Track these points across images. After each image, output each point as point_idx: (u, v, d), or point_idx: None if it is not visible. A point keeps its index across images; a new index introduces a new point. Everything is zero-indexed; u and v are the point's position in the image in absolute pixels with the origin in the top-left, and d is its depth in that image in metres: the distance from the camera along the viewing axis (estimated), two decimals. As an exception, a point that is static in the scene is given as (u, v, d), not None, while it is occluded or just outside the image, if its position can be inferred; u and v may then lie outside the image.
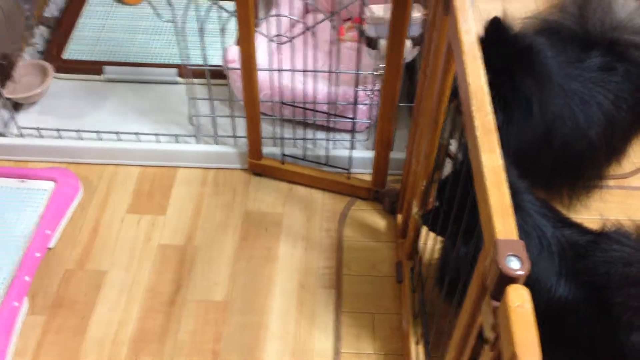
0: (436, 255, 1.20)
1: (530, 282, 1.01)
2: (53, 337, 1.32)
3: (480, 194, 0.72)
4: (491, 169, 0.72)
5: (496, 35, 1.18)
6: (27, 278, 1.34)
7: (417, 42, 1.40)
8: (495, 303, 0.65)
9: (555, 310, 1.01)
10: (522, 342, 0.59)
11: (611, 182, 1.63)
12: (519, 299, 0.61)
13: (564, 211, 1.22)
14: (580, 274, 1.01)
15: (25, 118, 1.67)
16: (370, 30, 1.39)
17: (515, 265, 0.63)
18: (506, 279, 0.63)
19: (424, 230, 1.28)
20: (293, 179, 1.61)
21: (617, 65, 1.30)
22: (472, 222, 0.83)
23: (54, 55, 1.82)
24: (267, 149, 1.60)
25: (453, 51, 0.91)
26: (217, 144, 1.64)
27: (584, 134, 1.30)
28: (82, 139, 1.64)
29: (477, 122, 0.76)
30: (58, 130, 1.63)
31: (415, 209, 1.27)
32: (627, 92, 1.31)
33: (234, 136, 1.62)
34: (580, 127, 1.29)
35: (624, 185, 1.63)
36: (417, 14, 1.35)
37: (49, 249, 1.45)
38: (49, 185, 1.52)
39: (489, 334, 0.67)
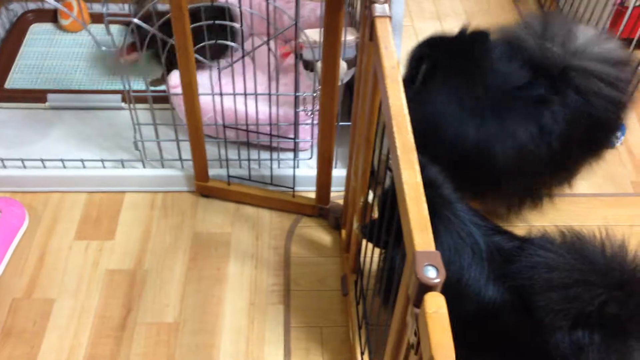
0: (375, 267, 1.25)
1: (462, 286, 1.08)
2: (1, 368, 1.32)
3: (402, 208, 0.77)
4: (411, 185, 0.77)
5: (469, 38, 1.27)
6: (-28, 310, 1.33)
7: (352, 63, 1.47)
8: (417, 310, 0.70)
9: (484, 313, 1.07)
10: (439, 346, 0.64)
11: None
12: (435, 305, 0.66)
13: (497, 220, 1.30)
14: (507, 278, 1.08)
15: (-33, 149, 1.67)
16: (307, 54, 1.45)
17: (432, 274, 0.68)
18: (424, 287, 0.68)
19: (365, 243, 1.33)
20: (240, 199, 1.65)
21: (555, 98, 1.33)
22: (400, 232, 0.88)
23: (-5, 84, 1.82)
24: (213, 171, 1.63)
25: (377, 75, 0.97)
26: (163, 167, 1.66)
27: (490, 155, 1.35)
28: (26, 167, 1.64)
29: (398, 142, 0.82)
30: (2, 159, 1.62)
31: (355, 224, 1.33)
32: (562, 122, 1.34)
33: (180, 159, 1.65)
34: (485, 150, 1.34)
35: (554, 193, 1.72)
36: (351, 37, 1.41)
37: (-5, 279, 1.44)
38: (-7, 215, 1.52)
39: (413, 339, 0.72)
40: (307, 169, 1.66)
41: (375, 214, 1.24)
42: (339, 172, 1.61)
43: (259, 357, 1.37)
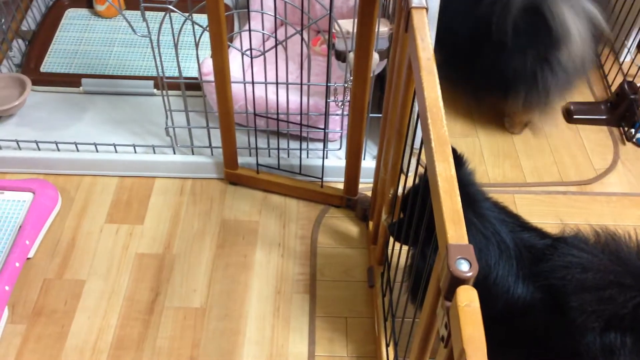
0: (403, 260, 1.25)
1: (490, 284, 1.07)
2: (33, 346, 1.35)
3: (435, 201, 0.77)
4: (445, 177, 0.77)
5: None
6: (7, 288, 1.36)
7: (384, 55, 1.46)
8: (448, 303, 0.70)
9: (513, 311, 1.06)
10: (470, 339, 0.64)
11: (573, 188, 1.71)
12: (467, 298, 0.66)
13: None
14: (538, 276, 1.07)
15: (3, 130, 1.70)
16: (339, 44, 1.45)
17: (464, 267, 0.68)
18: (456, 281, 0.68)
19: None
20: (268, 187, 1.66)
21: None
22: (431, 228, 0.88)
23: (32, 68, 1.85)
24: (243, 159, 1.64)
25: (412, 67, 0.96)
26: (193, 154, 1.68)
27: None
28: (60, 150, 1.67)
29: (433, 134, 0.81)
30: (36, 142, 1.66)
31: (384, 216, 1.33)
32: None
33: (210, 146, 1.66)
34: None
35: (585, 192, 1.70)
36: (384, 28, 1.40)
37: (29, 259, 1.47)
38: (27, 196, 1.55)
39: (443, 332, 0.72)
40: (336, 159, 1.67)
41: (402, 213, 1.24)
42: (367, 164, 1.60)
43: (283, 345, 1.38)
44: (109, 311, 1.41)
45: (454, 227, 0.72)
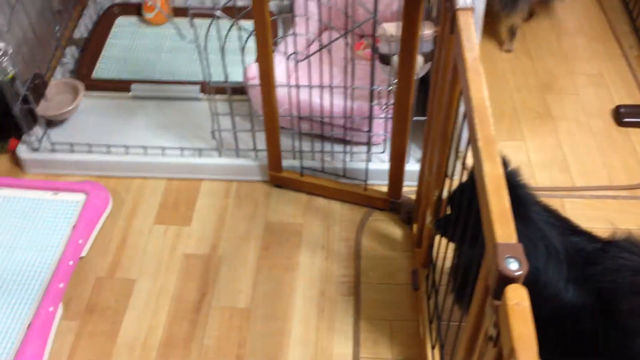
0: (449, 263, 1.24)
1: (539, 288, 1.06)
2: (86, 342, 1.40)
3: (482, 200, 0.77)
4: (492, 177, 0.77)
5: None
6: (61, 285, 1.41)
7: (428, 58, 1.46)
8: (497, 302, 0.70)
9: (563, 315, 1.04)
10: (520, 337, 0.64)
11: (624, 192, 1.67)
12: (517, 297, 0.66)
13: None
14: (589, 280, 1.05)
15: (57, 134, 1.76)
16: (383, 47, 1.45)
17: (514, 266, 0.68)
18: (505, 280, 0.68)
19: (438, 239, 1.33)
20: (312, 190, 1.67)
21: None
22: (479, 227, 0.88)
23: (84, 74, 1.91)
24: (287, 162, 1.66)
25: (458, 67, 0.97)
26: (238, 157, 1.71)
27: None
28: (111, 153, 1.72)
29: (479, 134, 0.81)
30: (89, 145, 1.71)
31: (429, 218, 1.32)
32: None
33: (255, 149, 1.69)
34: None
35: (636, 195, 1.66)
36: (428, 31, 1.41)
37: (82, 257, 1.52)
38: (80, 197, 1.60)
39: (492, 332, 0.72)
40: (379, 162, 1.67)
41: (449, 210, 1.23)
42: (410, 167, 1.60)
43: (328, 346, 1.39)
44: (157, 310, 1.45)
45: (502, 226, 0.72)
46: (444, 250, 1.22)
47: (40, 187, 1.63)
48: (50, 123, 1.78)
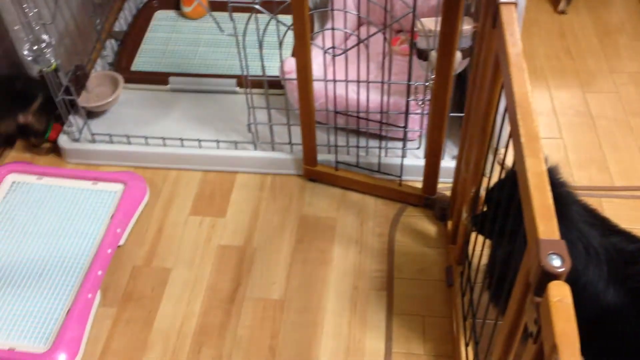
0: (484, 260, 1.24)
1: (579, 288, 1.04)
2: (123, 328, 1.43)
3: (525, 196, 0.76)
4: (535, 173, 0.76)
5: None
6: (99, 272, 1.44)
7: (467, 54, 1.45)
8: (538, 299, 0.70)
9: (604, 315, 1.03)
10: (563, 334, 0.63)
11: (664, 192, 1.63)
12: (559, 294, 0.66)
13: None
14: (629, 280, 1.03)
15: (97, 125, 1.80)
16: (421, 43, 1.45)
17: (556, 263, 0.68)
18: (548, 276, 0.67)
19: (474, 235, 1.32)
20: (346, 185, 1.68)
21: None
22: (517, 224, 0.87)
23: (123, 66, 1.95)
24: (322, 156, 1.67)
25: (500, 63, 0.96)
26: (274, 150, 1.72)
27: None
28: (148, 144, 1.75)
29: (522, 130, 0.81)
30: (127, 136, 1.74)
31: (464, 215, 1.32)
32: None
33: (290, 143, 1.70)
34: None
35: (678, 195, 1.63)
36: (467, 26, 1.39)
37: (119, 246, 1.56)
38: (119, 187, 1.63)
39: (532, 328, 0.71)
40: (414, 158, 1.67)
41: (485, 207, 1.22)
42: (445, 163, 1.59)
43: (360, 340, 1.40)
44: (192, 299, 1.47)
45: (545, 223, 0.72)
46: (480, 248, 1.22)
47: (81, 177, 1.67)
48: (90, 114, 1.82)
